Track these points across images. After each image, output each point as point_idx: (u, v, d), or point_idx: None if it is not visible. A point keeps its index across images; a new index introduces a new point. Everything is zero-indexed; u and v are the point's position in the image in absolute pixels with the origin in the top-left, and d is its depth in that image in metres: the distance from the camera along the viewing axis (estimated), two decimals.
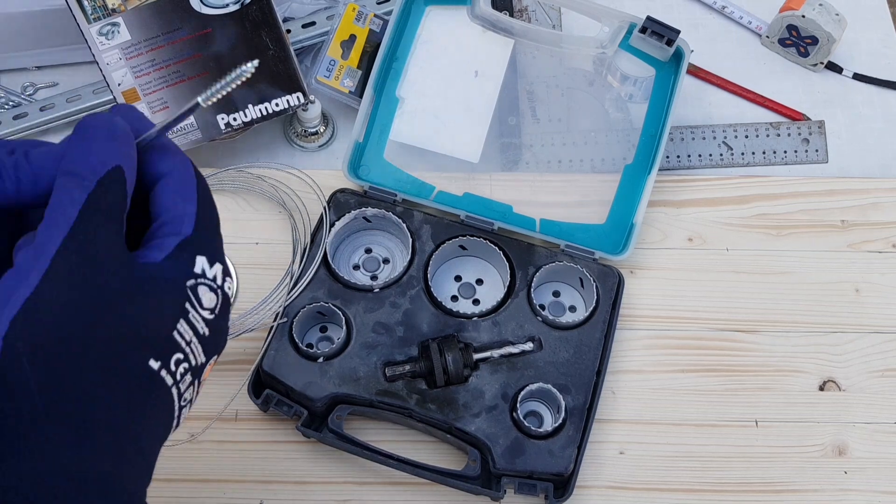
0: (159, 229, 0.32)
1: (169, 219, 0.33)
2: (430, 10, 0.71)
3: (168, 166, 0.33)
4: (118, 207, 0.31)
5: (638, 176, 0.68)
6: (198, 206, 0.33)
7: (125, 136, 0.32)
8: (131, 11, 0.65)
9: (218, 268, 0.34)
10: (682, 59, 0.68)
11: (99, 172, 0.30)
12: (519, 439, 0.59)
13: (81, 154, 0.30)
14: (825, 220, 0.71)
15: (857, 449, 0.64)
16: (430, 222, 0.66)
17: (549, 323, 0.63)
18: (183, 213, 0.33)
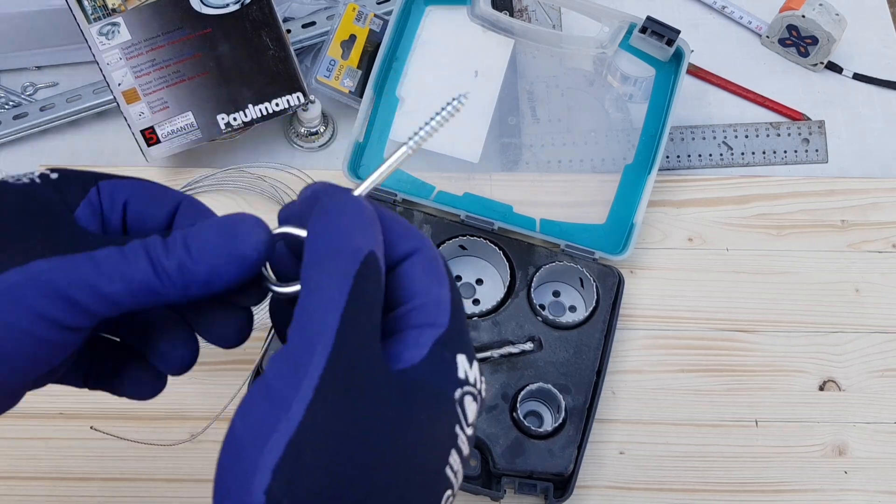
0: (408, 316, 0.28)
1: (419, 305, 0.28)
2: (430, 10, 0.71)
3: (414, 244, 0.29)
4: (377, 305, 0.26)
5: (638, 176, 0.68)
6: (451, 293, 0.28)
7: (371, 214, 0.27)
8: (131, 11, 0.65)
9: (476, 367, 0.28)
10: (682, 59, 0.68)
11: (354, 263, 0.26)
12: (519, 439, 0.59)
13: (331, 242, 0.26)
14: (825, 220, 0.71)
15: (857, 449, 0.64)
16: (430, 222, 0.66)
17: (549, 323, 0.63)
18: (438, 299, 0.28)
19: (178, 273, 0.26)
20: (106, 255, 0.26)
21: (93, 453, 0.61)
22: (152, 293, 0.26)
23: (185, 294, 0.26)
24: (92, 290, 0.26)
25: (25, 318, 0.25)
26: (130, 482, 0.61)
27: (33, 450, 0.61)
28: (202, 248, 0.26)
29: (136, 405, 0.63)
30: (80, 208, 0.28)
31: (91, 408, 0.63)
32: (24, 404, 0.66)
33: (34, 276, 0.25)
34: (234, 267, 0.26)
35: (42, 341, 0.25)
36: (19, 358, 0.26)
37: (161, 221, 0.30)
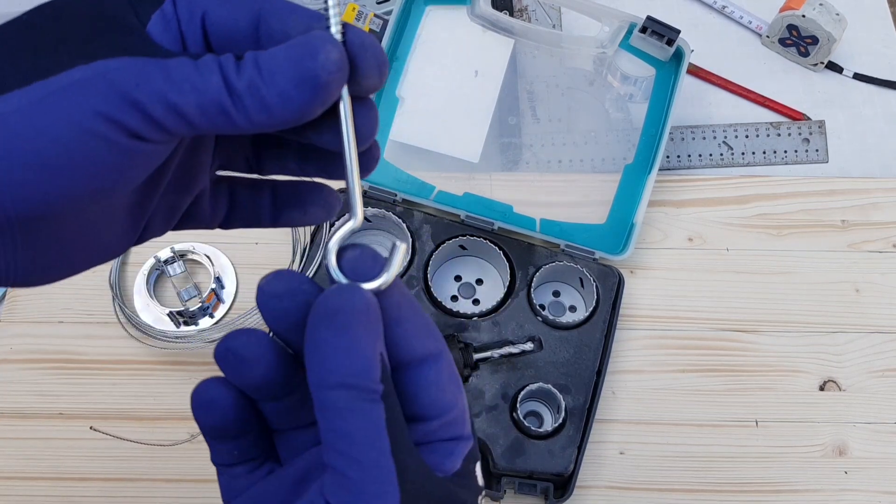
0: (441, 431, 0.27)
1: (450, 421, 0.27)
2: (430, 10, 0.71)
3: (437, 346, 0.27)
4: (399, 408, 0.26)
5: (638, 176, 0.68)
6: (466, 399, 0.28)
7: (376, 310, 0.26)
8: None
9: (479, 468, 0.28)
10: (682, 59, 0.68)
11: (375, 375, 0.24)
12: (519, 439, 0.59)
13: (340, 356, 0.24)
14: (825, 220, 0.71)
15: (857, 449, 0.64)
16: (430, 222, 0.66)
17: (549, 323, 0.63)
18: (462, 410, 0.27)
19: (249, 93, 0.24)
20: (178, 64, 0.24)
21: (93, 453, 0.61)
22: (223, 113, 0.24)
23: (253, 120, 0.24)
24: (161, 96, 0.24)
25: (90, 116, 0.23)
26: (130, 482, 0.61)
27: (33, 450, 0.61)
28: (272, 69, 0.24)
29: (136, 405, 0.63)
30: (153, 22, 0.26)
31: (91, 408, 0.63)
32: (24, 404, 0.67)
33: (101, 74, 0.23)
34: (305, 91, 0.24)
35: (109, 144, 0.23)
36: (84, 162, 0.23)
37: (244, 28, 0.27)
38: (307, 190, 0.32)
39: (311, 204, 0.31)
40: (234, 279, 0.67)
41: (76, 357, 0.64)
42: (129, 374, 0.64)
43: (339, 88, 0.25)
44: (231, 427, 0.28)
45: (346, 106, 0.26)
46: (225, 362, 0.27)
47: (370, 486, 0.24)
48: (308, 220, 0.32)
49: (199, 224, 0.31)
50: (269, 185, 0.32)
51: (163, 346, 0.63)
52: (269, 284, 0.26)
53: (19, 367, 0.64)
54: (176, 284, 0.66)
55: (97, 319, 0.65)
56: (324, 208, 0.32)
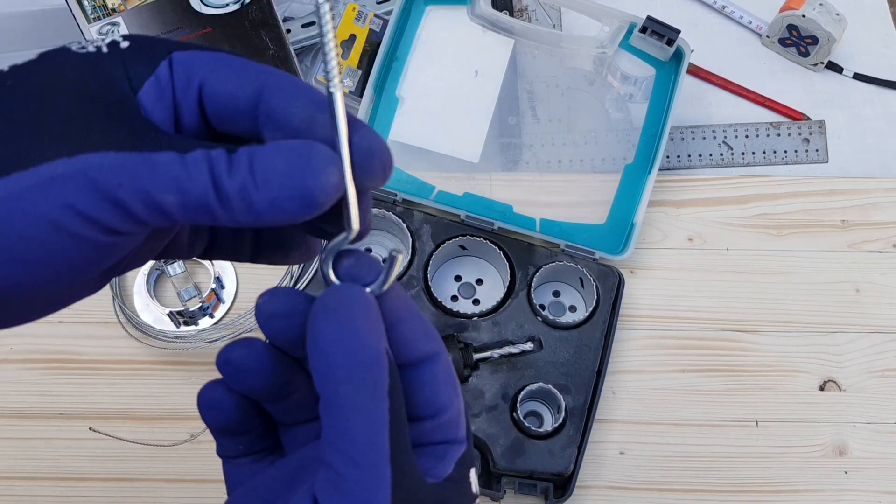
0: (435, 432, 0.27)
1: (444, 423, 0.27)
2: (430, 10, 0.71)
3: (435, 347, 0.27)
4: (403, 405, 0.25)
5: (638, 176, 0.68)
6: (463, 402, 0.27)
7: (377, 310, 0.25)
8: (131, 11, 0.65)
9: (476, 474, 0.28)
10: (682, 59, 0.68)
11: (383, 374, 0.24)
12: (519, 439, 0.59)
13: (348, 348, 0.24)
14: (825, 220, 0.71)
15: (857, 449, 0.64)
16: (430, 222, 0.66)
17: (549, 323, 0.63)
18: (458, 413, 0.27)
19: (238, 197, 0.23)
20: (165, 161, 0.23)
21: (93, 453, 0.61)
22: (207, 212, 0.23)
23: (239, 221, 0.24)
24: (143, 196, 0.23)
25: (67, 214, 0.22)
26: (130, 482, 0.61)
27: (33, 450, 0.61)
28: (267, 176, 0.23)
29: (136, 405, 0.63)
30: (145, 90, 0.25)
31: (91, 408, 0.63)
32: (24, 404, 0.67)
33: (82, 171, 0.22)
34: (297, 204, 0.23)
35: (81, 241, 0.23)
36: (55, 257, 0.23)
37: (243, 105, 0.26)
38: (290, 234, 0.31)
39: (293, 248, 0.31)
40: (234, 279, 0.67)
41: (76, 357, 0.64)
42: (129, 374, 0.64)
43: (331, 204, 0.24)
44: (235, 425, 0.29)
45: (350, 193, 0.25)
46: (225, 372, 0.27)
47: (363, 489, 0.23)
48: (288, 262, 0.31)
49: (175, 257, 0.31)
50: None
51: (163, 346, 0.63)
52: (266, 304, 0.26)
53: (19, 367, 0.64)
54: (176, 284, 0.66)
55: (97, 319, 0.65)
56: (305, 253, 0.31)
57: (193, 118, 0.26)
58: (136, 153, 0.23)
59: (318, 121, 0.25)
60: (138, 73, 0.25)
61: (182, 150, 0.23)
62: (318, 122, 0.25)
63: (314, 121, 0.25)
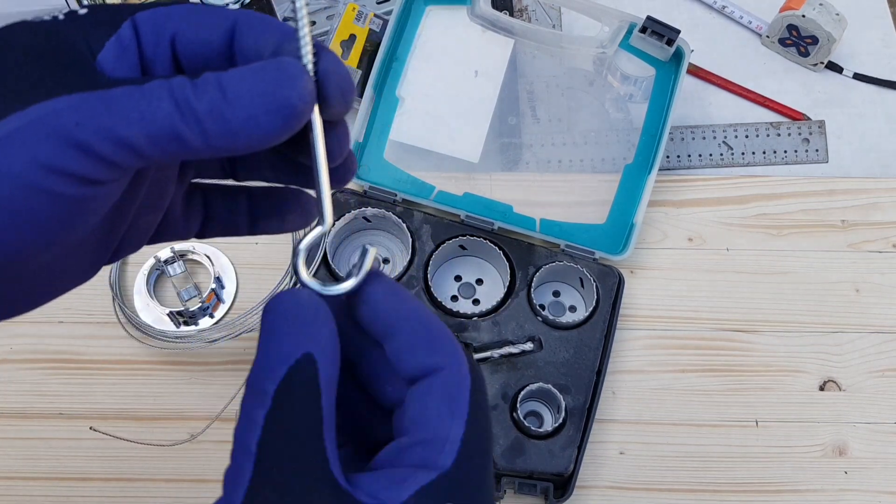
0: (405, 452, 0.24)
1: (419, 441, 0.24)
2: (430, 10, 0.71)
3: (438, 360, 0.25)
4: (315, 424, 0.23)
5: (638, 176, 0.68)
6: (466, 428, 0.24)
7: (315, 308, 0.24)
8: None
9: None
10: (682, 59, 0.68)
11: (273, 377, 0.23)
12: (519, 439, 0.59)
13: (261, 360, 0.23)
14: (825, 220, 0.71)
15: (857, 449, 0.64)
16: (430, 222, 0.66)
17: (549, 323, 0.63)
18: (444, 436, 0.24)
19: (210, 118, 0.22)
20: (121, 94, 0.22)
21: (92, 453, 0.61)
22: (177, 140, 0.22)
23: (214, 144, 0.23)
24: (105, 132, 0.22)
25: (28, 167, 0.21)
26: (130, 482, 0.61)
27: (33, 450, 0.61)
28: (239, 91, 0.22)
29: (136, 405, 0.63)
30: (105, 50, 0.24)
31: (91, 408, 0.63)
32: (24, 404, 0.67)
33: (37, 119, 0.21)
34: (275, 116, 0.22)
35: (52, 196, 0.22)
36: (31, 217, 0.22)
37: (218, 48, 0.25)
38: (284, 198, 0.30)
39: (289, 212, 0.30)
40: (234, 279, 0.67)
41: (76, 357, 0.64)
42: (129, 374, 0.64)
43: (309, 115, 0.24)
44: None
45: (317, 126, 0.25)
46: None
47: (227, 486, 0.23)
48: (287, 228, 0.31)
49: (173, 237, 0.30)
50: (245, 192, 0.31)
51: (163, 346, 0.63)
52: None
53: (19, 367, 0.64)
54: (176, 284, 0.66)
55: (97, 319, 0.65)
56: (302, 216, 0.30)
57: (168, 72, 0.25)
58: (90, 92, 0.22)
59: (287, 49, 0.24)
60: (97, 35, 0.24)
61: (139, 84, 0.23)
62: (286, 50, 0.24)
63: (281, 48, 0.25)
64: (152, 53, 0.25)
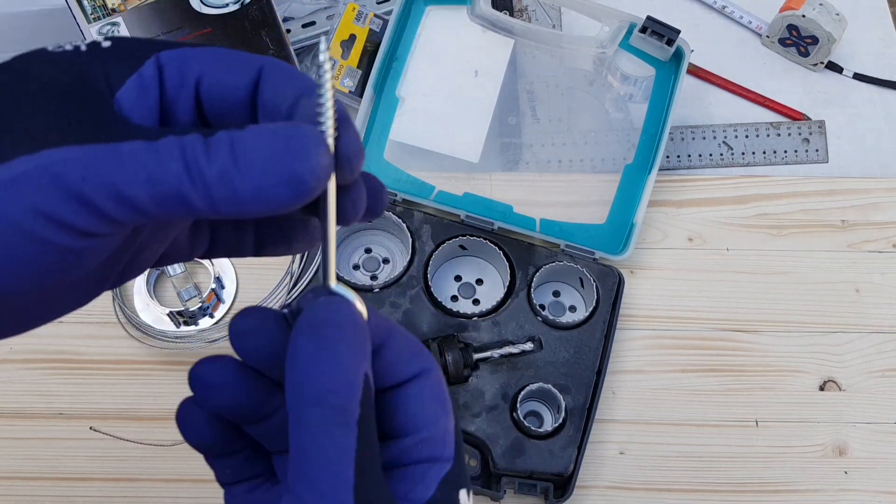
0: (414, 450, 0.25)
1: (427, 438, 0.25)
2: (430, 10, 0.71)
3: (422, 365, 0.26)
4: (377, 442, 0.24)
5: (638, 176, 0.68)
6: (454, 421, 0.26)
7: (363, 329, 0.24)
8: (131, 11, 0.65)
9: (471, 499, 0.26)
10: (682, 59, 0.68)
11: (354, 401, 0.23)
12: (519, 439, 0.59)
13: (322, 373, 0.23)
14: (825, 220, 0.71)
15: (857, 449, 0.64)
16: (430, 222, 0.66)
17: (549, 323, 0.63)
18: (444, 430, 0.26)
19: (218, 184, 0.21)
20: (132, 150, 0.22)
21: (93, 453, 0.61)
22: (183, 204, 0.22)
23: (220, 210, 0.22)
24: (110, 189, 0.21)
25: (27, 215, 0.21)
26: (130, 482, 0.61)
27: (33, 450, 0.61)
28: (251, 158, 0.21)
29: (136, 405, 0.63)
30: (125, 88, 0.23)
31: (91, 408, 0.63)
32: (24, 404, 0.67)
33: (44, 166, 0.21)
34: (286, 190, 0.22)
35: (48, 245, 0.21)
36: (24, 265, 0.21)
37: (242, 94, 0.24)
38: (291, 224, 0.30)
39: (296, 238, 0.29)
40: (234, 279, 0.67)
41: (76, 357, 0.64)
42: (129, 374, 0.64)
43: (321, 190, 0.23)
44: (212, 446, 0.27)
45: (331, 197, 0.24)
46: (194, 388, 0.26)
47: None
48: (292, 252, 0.30)
49: (177, 260, 0.30)
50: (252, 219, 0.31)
51: (163, 346, 0.63)
52: (238, 322, 0.25)
53: (19, 367, 0.64)
54: (176, 284, 0.66)
55: (97, 319, 0.65)
56: (308, 242, 0.30)
57: (189, 117, 0.25)
58: (100, 144, 0.22)
59: (305, 105, 0.24)
60: (118, 71, 0.24)
61: (152, 138, 0.22)
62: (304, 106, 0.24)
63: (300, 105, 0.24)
64: (174, 94, 0.24)
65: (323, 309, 0.24)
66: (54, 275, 0.22)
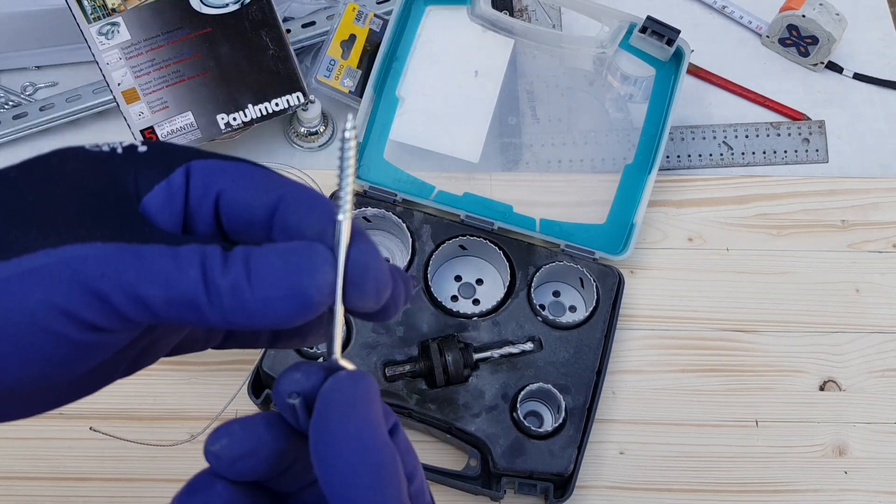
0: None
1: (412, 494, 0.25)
2: (430, 10, 0.71)
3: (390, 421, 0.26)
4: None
5: (638, 176, 0.68)
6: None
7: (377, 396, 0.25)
8: (131, 11, 0.65)
9: None
10: (682, 59, 0.68)
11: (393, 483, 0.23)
12: (519, 439, 0.59)
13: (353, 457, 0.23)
14: (825, 220, 0.71)
15: (857, 449, 0.64)
16: (430, 222, 0.66)
17: (549, 323, 0.63)
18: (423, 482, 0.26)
19: (230, 294, 0.22)
20: (153, 252, 0.22)
21: (92, 453, 0.61)
22: (194, 310, 0.22)
23: (229, 320, 0.22)
24: (126, 288, 0.22)
25: (41, 307, 0.21)
26: (130, 482, 0.61)
27: (33, 450, 0.61)
28: (262, 273, 0.22)
29: (136, 405, 0.63)
30: (153, 193, 0.24)
31: (91, 408, 0.63)
32: None
33: (64, 262, 0.21)
34: (291, 305, 0.22)
35: (59, 338, 0.22)
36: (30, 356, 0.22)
37: (259, 216, 0.25)
38: None
39: (310, 332, 0.30)
40: None
41: None
42: None
43: (327, 306, 0.24)
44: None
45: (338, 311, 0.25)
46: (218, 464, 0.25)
47: None
48: (306, 344, 0.30)
49: (190, 351, 0.30)
50: None
51: None
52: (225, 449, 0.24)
53: None
54: None
55: None
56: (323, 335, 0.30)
57: (208, 227, 0.26)
58: (124, 244, 0.22)
59: (329, 233, 0.24)
60: (148, 176, 0.24)
61: (174, 244, 0.23)
62: (328, 234, 0.24)
63: (325, 233, 0.24)
64: (196, 205, 0.25)
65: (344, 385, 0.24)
66: (61, 367, 0.23)
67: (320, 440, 0.23)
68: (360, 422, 0.23)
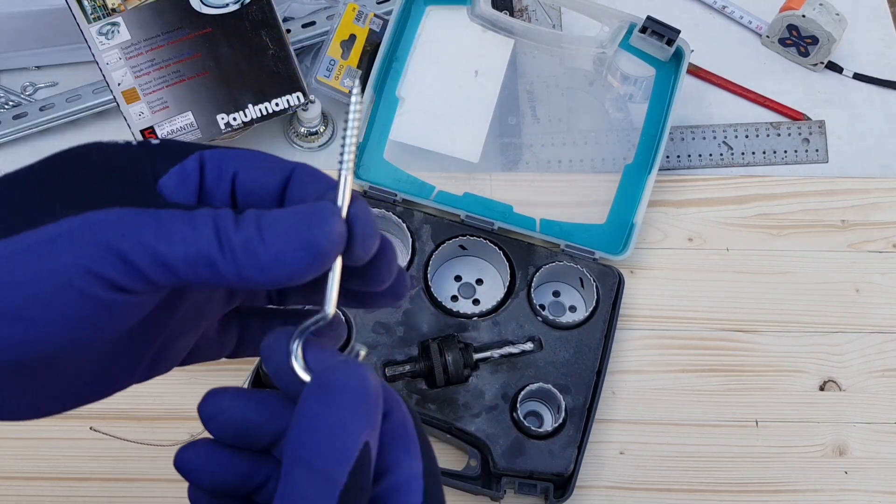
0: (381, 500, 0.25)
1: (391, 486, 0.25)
2: (430, 10, 0.71)
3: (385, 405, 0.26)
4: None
5: (638, 176, 0.68)
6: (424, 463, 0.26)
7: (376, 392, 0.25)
8: (131, 11, 0.65)
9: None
10: (682, 59, 0.68)
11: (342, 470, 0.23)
12: (519, 439, 0.59)
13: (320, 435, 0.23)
14: (825, 220, 0.71)
15: (857, 449, 0.64)
16: (430, 222, 0.66)
17: (549, 323, 0.63)
18: (408, 474, 0.25)
19: (243, 250, 0.24)
20: (170, 215, 0.24)
21: (93, 453, 0.61)
22: (211, 267, 0.24)
23: (244, 275, 0.24)
24: (148, 248, 0.23)
25: (71, 269, 0.23)
26: (130, 482, 0.61)
27: (33, 450, 0.61)
28: (273, 229, 0.24)
29: (136, 405, 0.63)
30: (168, 176, 0.26)
31: (91, 408, 0.62)
32: None
33: (87, 225, 0.23)
34: (302, 255, 0.24)
35: (85, 297, 0.23)
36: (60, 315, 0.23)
37: (273, 191, 0.27)
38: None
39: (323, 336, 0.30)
40: None
41: None
42: None
43: (336, 257, 0.25)
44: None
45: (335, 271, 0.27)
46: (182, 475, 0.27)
47: None
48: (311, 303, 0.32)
49: (205, 358, 0.32)
50: (280, 315, 0.32)
51: None
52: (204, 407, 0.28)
53: None
54: None
55: None
56: (335, 339, 0.31)
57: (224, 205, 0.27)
58: (142, 209, 0.24)
59: (334, 195, 0.26)
60: (163, 162, 0.26)
61: (188, 209, 0.24)
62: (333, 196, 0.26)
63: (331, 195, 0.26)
64: (212, 186, 0.27)
65: (334, 371, 0.25)
66: (86, 329, 0.24)
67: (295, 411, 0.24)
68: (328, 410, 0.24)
